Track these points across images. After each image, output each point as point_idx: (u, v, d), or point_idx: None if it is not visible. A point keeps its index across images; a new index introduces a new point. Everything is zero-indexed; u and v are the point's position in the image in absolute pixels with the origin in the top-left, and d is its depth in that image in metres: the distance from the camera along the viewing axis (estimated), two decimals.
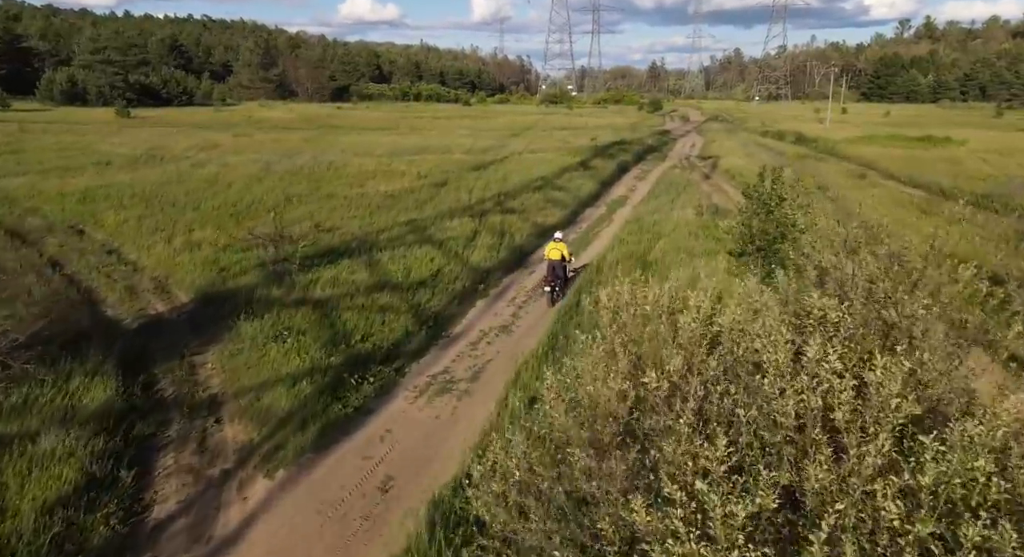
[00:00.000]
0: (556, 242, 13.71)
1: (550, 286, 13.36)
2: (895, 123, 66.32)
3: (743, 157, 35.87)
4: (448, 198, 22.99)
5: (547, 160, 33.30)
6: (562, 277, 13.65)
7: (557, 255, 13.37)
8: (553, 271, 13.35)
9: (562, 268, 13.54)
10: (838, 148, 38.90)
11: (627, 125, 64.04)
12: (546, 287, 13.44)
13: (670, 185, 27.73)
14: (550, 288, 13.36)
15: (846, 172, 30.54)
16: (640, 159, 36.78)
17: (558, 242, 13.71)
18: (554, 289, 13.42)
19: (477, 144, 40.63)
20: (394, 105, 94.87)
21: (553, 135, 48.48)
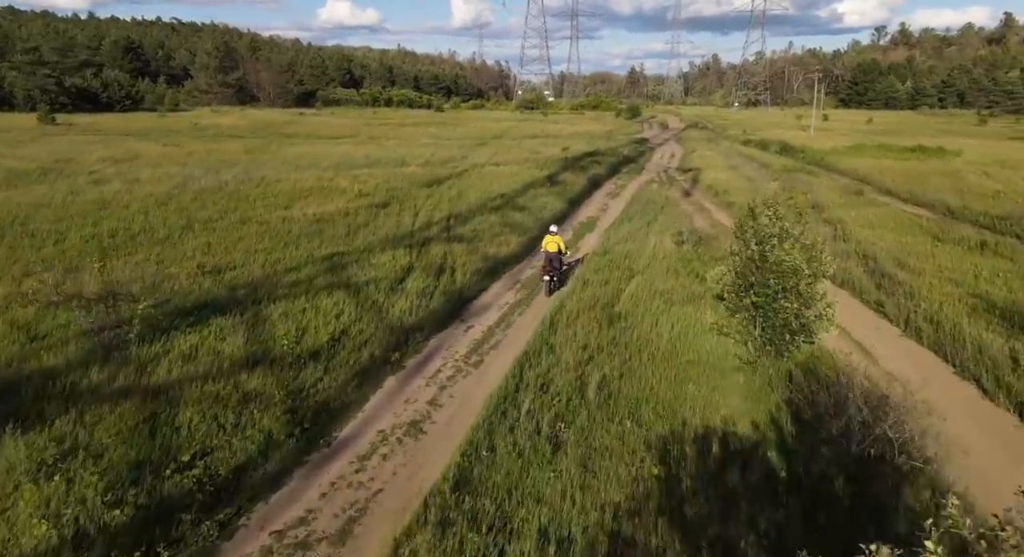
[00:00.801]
0: (552, 235, 14.84)
1: (548, 276, 14.50)
2: (880, 131, 64.52)
3: (726, 170, 33.15)
4: (387, 223, 19.76)
5: (511, 174, 30.23)
6: (559, 268, 14.78)
7: (554, 247, 14.56)
8: (550, 263, 14.53)
9: (559, 260, 14.69)
10: (828, 160, 36.38)
11: (603, 133, 61.36)
12: (544, 277, 14.57)
13: (646, 204, 24.79)
14: (548, 278, 14.50)
15: (840, 188, 27.89)
16: (614, 172, 33.88)
17: (554, 235, 14.83)
18: (552, 279, 14.55)
19: (437, 155, 37.46)
20: (361, 111, 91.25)
21: (523, 145, 45.48)
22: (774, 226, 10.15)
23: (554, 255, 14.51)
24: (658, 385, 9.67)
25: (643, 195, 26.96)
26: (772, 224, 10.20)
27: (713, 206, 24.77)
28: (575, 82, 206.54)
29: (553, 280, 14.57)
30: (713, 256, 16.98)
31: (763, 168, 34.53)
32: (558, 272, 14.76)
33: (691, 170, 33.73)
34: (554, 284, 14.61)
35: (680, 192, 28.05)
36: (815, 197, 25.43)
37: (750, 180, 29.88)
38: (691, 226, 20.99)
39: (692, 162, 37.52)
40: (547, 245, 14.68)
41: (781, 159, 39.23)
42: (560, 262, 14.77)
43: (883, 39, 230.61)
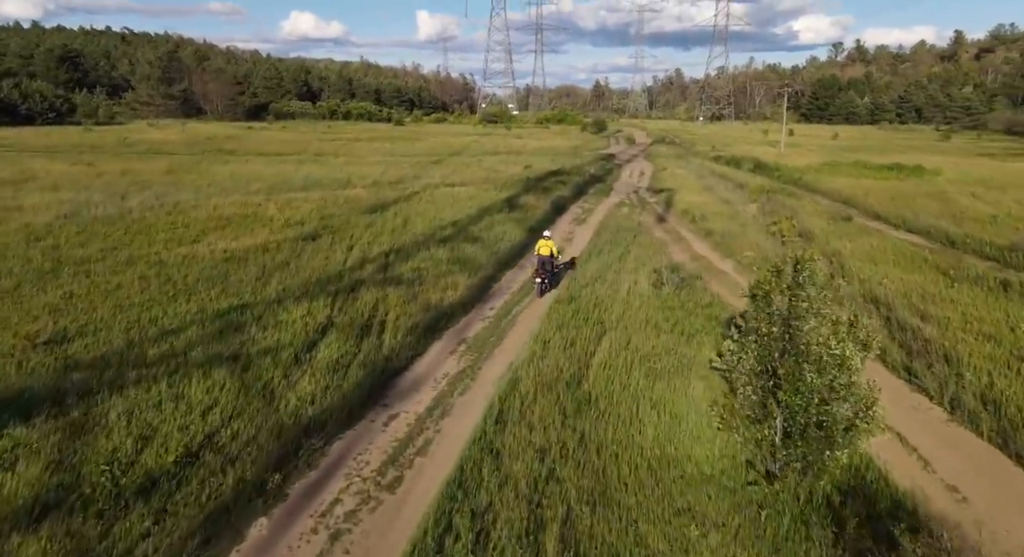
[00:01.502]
0: (545, 239, 15.85)
1: (540, 278, 15.47)
2: (849, 147, 63.82)
3: (701, 191, 30.88)
4: (313, 261, 16.64)
5: (467, 197, 27.38)
6: (551, 270, 15.74)
7: (546, 251, 15.48)
8: (543, 266, 15.46)
9: (551, 263, 15.63)
10: (805, 179, 34.50)
11: (568, 149, 59.10)
12: (536, 279, 15.55)
13: (617, 232, 22.16)
14: (540, 280, 15.48)
15: (826, 212, 25.76)
16: (580, 193, 31.30)
17: (547, 239, 15.85)
18: (544, 282, 15.54)
19: (388, 174, 34.40)
20: (314, 125, 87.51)
21: (482, 162, 42.70)
22: (807, 296, 7.40)
23: (546, 259, 15.54)
24: (646, 526, 6.81)
25: (613, 221, 24.36)
26: (804, 291, 7.45)
27: (691, 234, 22.28)
28: (540, 95, 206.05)
29: (545, 282, 15.67)
30: (699, 304, 14.33)
31: (739, 189, 32.39)
32: (550, 274, 15.85)
33: (663, 191, 31.38)
34: (545, 286, 15.72)
35: (653, 217, 25.55)
36: (801, 223, 23.18)
37: (727, 203, 27.61)
38: (669, 260, 18.39)
39: (663, 181, 35.24)
40: (540, 249, 15.62)
41: (756, 178, 37.27)
42: (552, 265, 15.82)
43: (840, 56, 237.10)
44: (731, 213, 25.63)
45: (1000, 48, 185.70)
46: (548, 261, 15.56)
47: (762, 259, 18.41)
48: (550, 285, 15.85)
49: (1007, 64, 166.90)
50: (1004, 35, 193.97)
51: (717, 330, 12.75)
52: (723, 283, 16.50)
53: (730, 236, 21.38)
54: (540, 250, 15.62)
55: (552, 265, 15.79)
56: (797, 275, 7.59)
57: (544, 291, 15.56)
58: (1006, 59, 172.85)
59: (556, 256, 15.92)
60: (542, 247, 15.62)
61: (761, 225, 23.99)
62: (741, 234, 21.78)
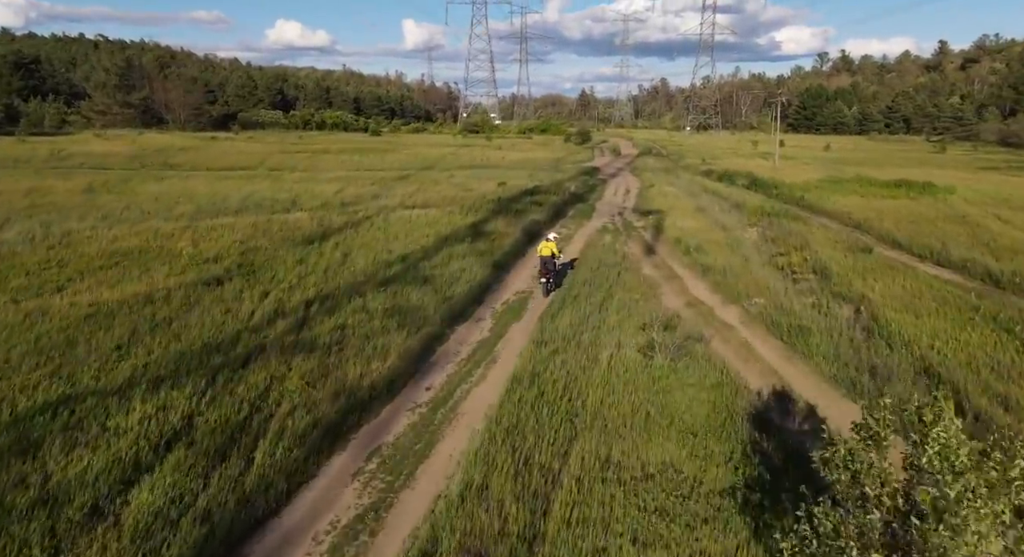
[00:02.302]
0: (548, 241, 16.75)
1: (545, 278, 16.38)
2: (845, 160, 61.16)
3: (693, 213, 27.51)
4: (205, 319, 12.97)
5: (427, 222, 23.86)
6: (553, 270, 16.54)
7: (548, 252, 16.40)
8: (545, 266, 16.34)
9: (552, 263, 16.46)
10: (808, 199, 31.30)
11: (549, 162, 55.82)
12: (541, 279, 16.52)
13: (597, 269, 18.67)
14: (545, 280, 16.39)
15: (839, 240, 22.47)
16: (558, 216, 27.80)
17: (549, 241, 16.73)
18: (548, 281, 16.40)
19: (343, 194, 30.78)
20: (283, 136, 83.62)
21: (454, 178, 39.21)
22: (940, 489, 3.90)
23: (548, 259, 16.30)
24: None
25: (593, 253, 20.87)
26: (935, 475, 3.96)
27: (685, 270, 18.83)
28: (526, 104, 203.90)
29: (549, 282, 16.39)
30: (703, 382, 10.85)
31: (735, 209, 29.11)
32: (553, 274, 16.56)
33: (651, 213, 27.98)
34: (551, 285, 16.43)
35: (640, 246, 22.10)
36: (814, 255, 19.86)
37: (724, 228, 24.25)
38: (660, 310, 14.92)
39: (651, 201, 31.87)
40: (542, 251, 16.49)
41: (753, 196, 34.08)
42: (554, 265, 16.55)
43: (825, 66, 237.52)
44: (730, 241, 22.27)
45: (985, 58, 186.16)
46: (550, 261, 16.42)
47: (775, 307, 15.03)
48: (555, 284, 16.76)
49: (993, 74, 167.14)
50: (989, 45, 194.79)
51: (732, 430, 9.27)
52: (732, 344, 13.03)
53: (732, 273, 17.97)
54: (542, 251, 16.53)
55: (554, 265, 16.64)
56: (921, 449, 4.07)
57: (549, 291, 16.44)
58: (992, 69, 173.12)
59: (557, 256, 16.85)
60: (543, 248, 16.55)
61: (765, 256, 20.65)
62: (744, 270, 18.38)
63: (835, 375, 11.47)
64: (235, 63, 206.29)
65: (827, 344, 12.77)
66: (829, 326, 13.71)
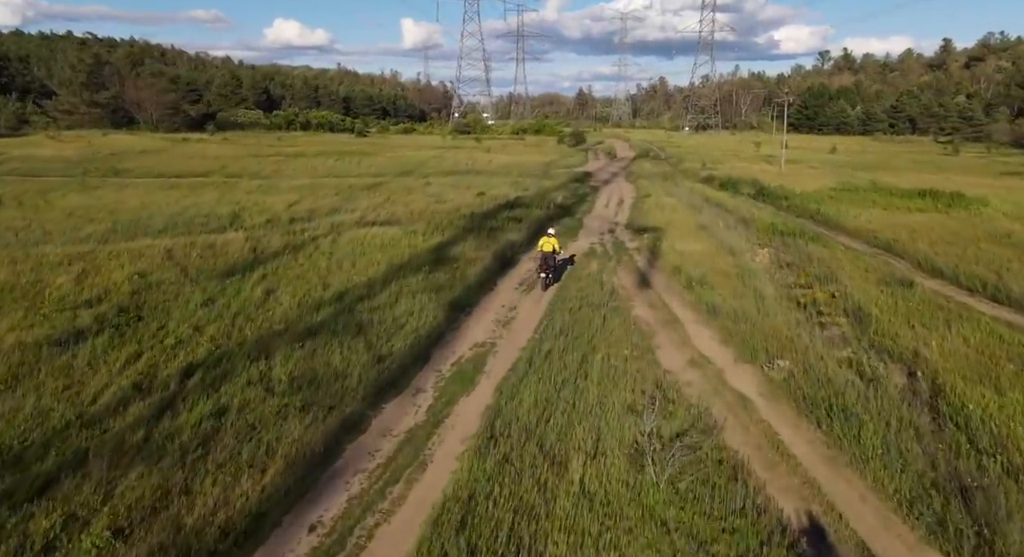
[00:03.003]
0: (548, 236, 17.09)
1: (544, 273, 16.80)
2: (854, 163, 57.81)
3: (694, 232, 24.03)
4: (26, 402, 9.50)
5: (383, 244, 20.43)
6: (553, 266, 16.98)
7: (549, 247, 16.79)
8: (545, 261, 16.74)
9: (553, 259, 16.87)
10: (825, 212, 27.88)
11: (539, 166, 52.38)
12: (540, 274, 16.96)
13: (579, 309, 15.20)
14: (544, 275, 16.81)
15: (870, 268, 19.04)
16: (539, 234, 24.17)
17: (550, 236, 17.07)
18: (548, 276, 16.80)
19: (298, 207, 27.31)
20: (262, 137, 80.00)
21: (431, 186, 35.74)
22: None
23: (549, 255, 16.75)
24: None
25: (575, 285, 17.39)
26: None
27: (687, 312, 15.38)
28: (522, 104, 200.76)
29: (548, 277, 16.87)
30: (716, 514, 7.39)
31: (742, 225, 25.70)
32: (553, 270, 17.05)
33: (646, 230, 24.52)
34: (549, 280, 16.93)
35: (632, 276, 18.63)
36: (843, 290, 16.44)
37: (732, 252, 20.79)
38: (657, 374, 11.50)
39: (647, 214, 28.39)
40: (543, 245, 16.89)
41: (760, 208, 30.68)
42: (555, 260, 17.00)
43: (827, 64, 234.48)
44: (739, 269, 18.82)
45: (990, 57, 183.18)
46: (551, 257, 16.72)
47: (804, 370, 11.63)
48: (554, 279, 17.06)
49: (999, 73, 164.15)
50: (994, 44, 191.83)
51: None
52: (752, 436, 9.61)
53: (744, 316, 14.53)
54: (543, 246, 16.84)
55: (555, 260, 16.92)
56: None
57: (548, 285, 16.79)
58: (998, 68, 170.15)
59: (559, 252, 17.15)
60: (544, 244, 16.84)
61: (782, 289, 17.23)
62: (760, 312, 14.94)
63: (906, 499, 8.04)
64: (227, 62, 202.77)
65: (882, 437, 9.37)
66: (880, 406, 10.28)
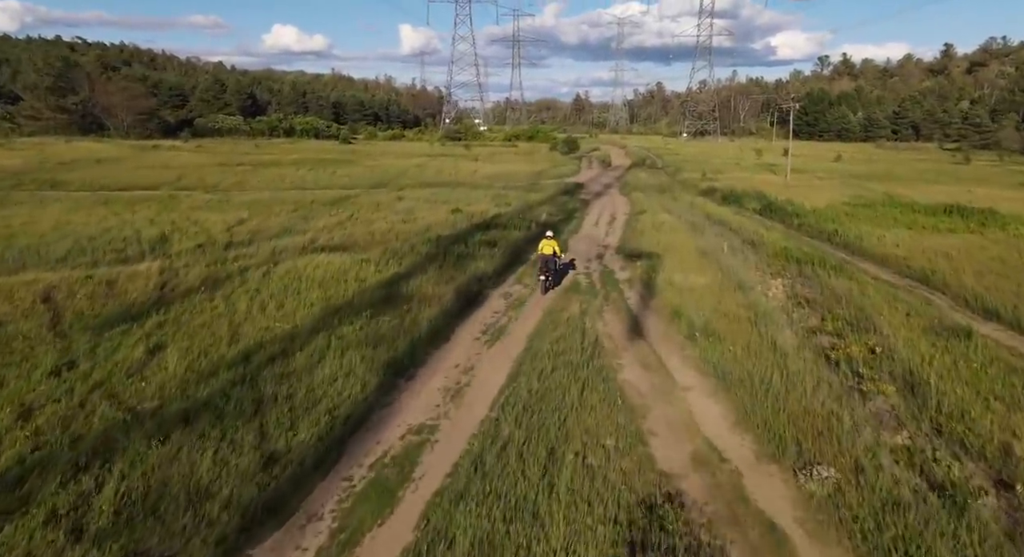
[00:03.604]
0: (548, 239, 16.92)
1: (544, 276, 16.71)
2: (862, 174, 54.85)
3: (696, 258, 20.80)
4: None
5: (325, 278, 17.17)
6: (554, 269, 16.95)
7: (549, 250, 16.70)
8: (545, 264, 16.67)
9: (553, 262, 16.82)
10: (844, 233, 24.74)
11: (528, 176, 49.29)
12: (540, 277, 16.83)
13: (551, 374, 11.94)
14: (544, 278, 16.71)
15: (908, 306, 15.83)
16: (515, 262, 20.99)
17: (549, 239, 16.92)
18: (548, 279, 16.74)
19: (243, 227, 24.11)
20: (238, 144, 76.83)
21: (402, 201, 32.55)
22: None
23: (549, 257, 16.64)
24: None
25: (552, 333, 14.17)
26: None
27: (691, 376, 12.15)
28: (519, 109, 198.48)
29: (548, 280, 16.78)
30: None
31: (750, 248, 22.57)
32: (553, 273, 16.98)
33: (640, 257, 21.32)
34: (549, 284, 16.85)
35: (622, 320, 15.41)
36: (883, 342, 13.25)
37: (741, 287, 17.58)
38: (649, 481, 8.29)
39: (642, 235, 25.21)
40: (543, 248, 16.74)
41: (768, 227, 27.55)
42: (555, 263, 16.94)
43: (826, 69, 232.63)
44: (750, 310, 15.62)
45: (993, 62, 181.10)
46: (551, 259, 16.71)
47: (853, 481, 8.45)
48: (554, 283, 17.18)
49: (1002, 78, 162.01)
50: (996, 49, 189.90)
51: None
52: None
53: (765, 385, 11.31)
54: (543, 249, 16.77)
55: (555, 263, 16.91)
56: None
57: (548, 289, 16.82)
58: (1001, 73, 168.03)
59: (559, 255, 17.10)
60: (544, 246, 16.78)
61: (805, 335, 14.07)
62: (784, 377, 11.72)
63: None
64: (219, 66, 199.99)
65: None
66: (975, 549, 7.08)
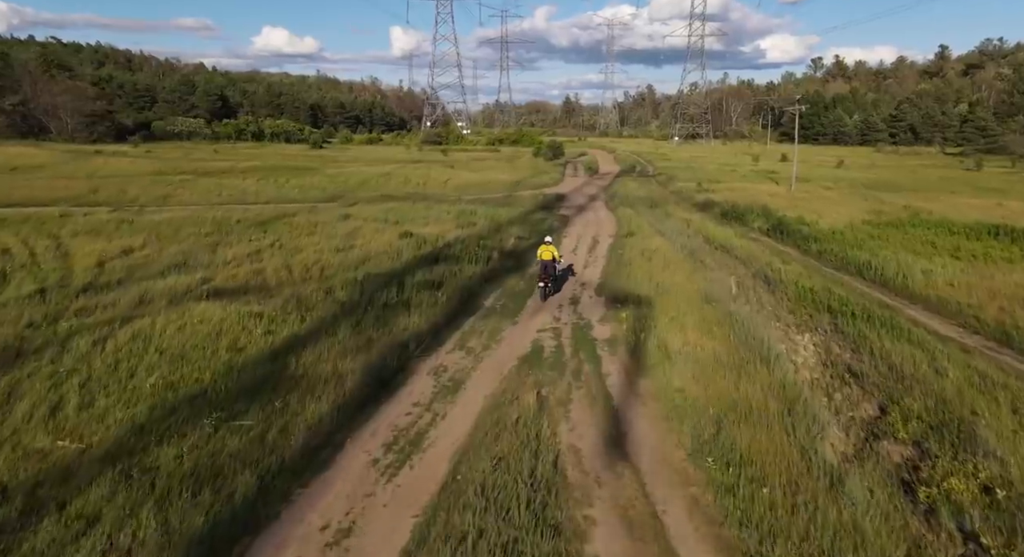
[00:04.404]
0: (546, 245, 16.65)
1: (544, 283, 16.45)
2: (874, 182, 50.62)
3: (698, 307, 16.01)
4: None
5: (184, 347, 12.42)
6: (553, 274, 16.71)
7: (548, 256, 16.44)
8: (545, 270, 16.39)
9: (553, 267, 16.58)
10: (877, 264, 20.13)
11: (504, 186, 44.67)
12: (540, 284, 16.60)
13: (480, 534, 7.24)
14: (543, 284, 16.46)
15: (1007, 394, 11.21)
16: (462, 312, 16.20)
17: (548, 244, 16.68)
18: (547, 286, 16.49)
19: (120, 262, 19.23)
20: (197, 149, 71.77)
21: (347, 221, 27.77)
22: None
23: (549, 263, 16.39)
24: None
25: (493, 441, 9.47)
26: None
27: (704, 545, 7.46)
28: (508, 112, 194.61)
29: (548, 287, 16.55)
30: None
31: (764, 287, 18.01)
32: (553, 279, 16.77)
33: (626, 302, 16.62)
34: (549, 291, 16.62)
35: (597, 418, 10.72)
36: (1002, 473, 8.63)
37: (761, 357, 12.92)
38: None
39: (628, 267, 20.51)
40: (542, 254, 16.46)
41: (782, 255, 23.01)
42: (555, 269, 16.69)
43: (819, 71, 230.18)
44: (779, 398, 10.97)
45: (990, 63, 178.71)
46: (550, 265, 16.37)
47: None
48: (553, 290, 16.89)
49: (1000, 80, 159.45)
50: (992, 50, 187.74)
51: None
52: None
53: None
54: (542, 255, 16.40)
55: (555, 269, 16.64)
56: None
57: (547, 296, 16.50)
58: (998, 75, 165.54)
59: (559, 260, 16.80)
60: (544, 252, 16.41)
61: (859, 439, 9.52)
62: (857, 547, 7.08)
63: None
64: (200, 68, 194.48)
65: None
66: None
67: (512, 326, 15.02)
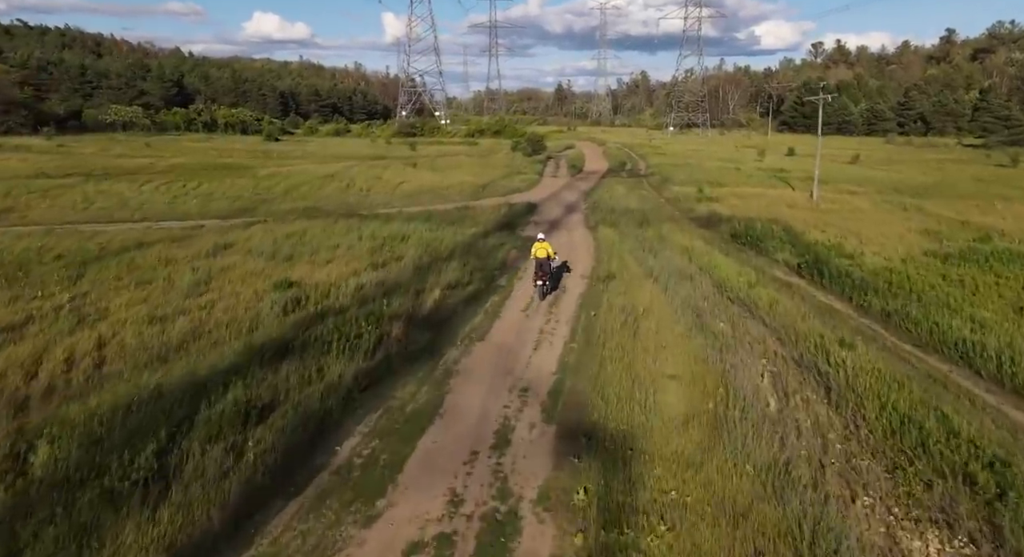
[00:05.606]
0: (541, 242, 16.54)
1: (540, 281, 16.42)
2: (903, 185, 43.67)
3: (716, 460, 8.98)
4: None
5: None
6: (549, 272, 16.65)
7: (543, 253, 16.36)
8: (540, 268, 16.39)
9: (548, 265, 16.50)
10: (1000, 348, 13.02)
11: (467, 192, 37.43)
12: (537, 282, 16.47)
13: None
14: (540, 283, 16.42)
15: None
16: (285, 479, 9.12)
17: (542, 242, 16.53)
18: (544, 283, 16.47)
19: None
20: (128, 142, 64.20)
21: (230, 253, 20.49)
22: None
23: (544, 261, 16.36)
24: None
25: None
26: None
27: None
28: (498, 99, 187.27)
29: (545, 285, 16.55)
30: None
31: (818, 395, 10.93)
32: (549, 276, 16.68)
33: (590, 447, 9.50)
34: (546, 288, 16.63)
35: None
36: None
37: None
38: None
39: (603, 347, 13.28)
40: (536, 252, 16.42)
41: (830, 318, 15.93)
42: (550, 266, 16.62)
43: (819, 57, 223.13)
44: None
45: (1000, 48, 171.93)
46: (546, 263, 16.35)
47: None
48: (551, 287, 16.85)
49: (1011, 65, 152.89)
50: (1003, 34, 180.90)
51: None
52: None
53: None
54: (537, 253, 16.39)
55: (550, 266, 16.57)
56: None
57: (545, 294, 16.51)
58: (1009, 60, 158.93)
59: (554, 257, 16.60)
60: (538, 250, 16.38)
61: None
62: None
63: None
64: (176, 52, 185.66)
65: None
66: None
67: (361, 531, 7.80)
